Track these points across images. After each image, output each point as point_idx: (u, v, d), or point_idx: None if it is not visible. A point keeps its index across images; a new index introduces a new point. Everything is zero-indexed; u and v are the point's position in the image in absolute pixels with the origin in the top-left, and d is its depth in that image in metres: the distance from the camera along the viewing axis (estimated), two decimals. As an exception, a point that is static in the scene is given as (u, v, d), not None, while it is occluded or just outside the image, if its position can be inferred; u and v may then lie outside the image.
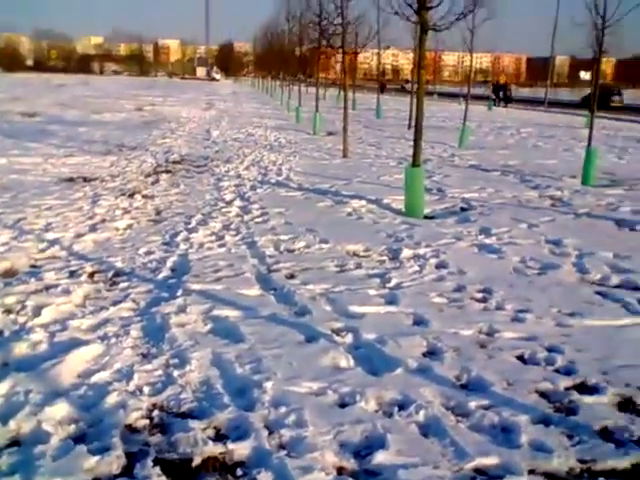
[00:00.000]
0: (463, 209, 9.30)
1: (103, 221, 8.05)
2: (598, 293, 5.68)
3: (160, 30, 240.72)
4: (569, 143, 19.19)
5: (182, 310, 5.01)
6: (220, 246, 7.02)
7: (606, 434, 3.41)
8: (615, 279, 6.09)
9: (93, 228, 7.68)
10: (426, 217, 8.74)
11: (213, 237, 7.39)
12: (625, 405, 3.72)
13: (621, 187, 11.40)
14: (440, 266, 6.38)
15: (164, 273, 6.04)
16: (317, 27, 17.46)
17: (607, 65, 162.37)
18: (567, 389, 3.90)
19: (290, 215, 8.57)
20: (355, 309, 5.12)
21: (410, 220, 8.42)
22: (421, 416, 3.52)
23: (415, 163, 8.79)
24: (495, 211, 9.08)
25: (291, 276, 6.01)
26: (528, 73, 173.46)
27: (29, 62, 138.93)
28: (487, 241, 7.39)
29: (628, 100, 48.03)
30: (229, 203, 9.34)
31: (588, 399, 3.77)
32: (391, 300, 5.36)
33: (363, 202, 9.48)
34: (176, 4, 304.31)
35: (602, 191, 10.92)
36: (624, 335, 4.74)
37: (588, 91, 45.71)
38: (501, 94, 46.17)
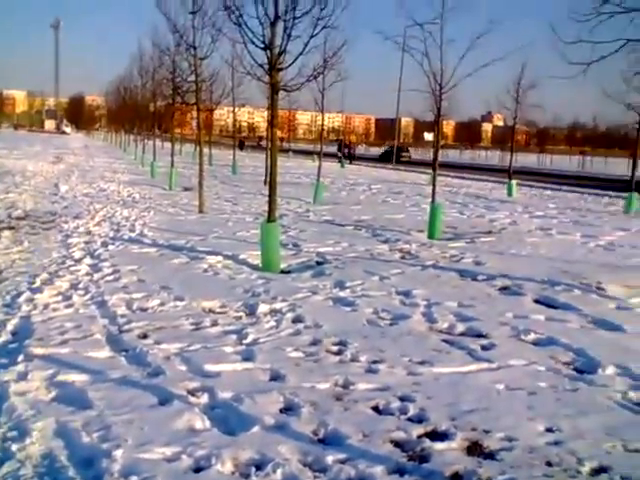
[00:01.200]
0: (318, 263, 9.48)
1: None
2: (445, 341, 5.97)
3: (4, 80, 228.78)
4: (415, 199, 20.31)
5: (23, 377, 4.65)
6: (67, 307, 6.64)
7: (457, 479, 3.54)
8: (460, 327, 6.44)
9: None
10: (282, 272, 8.81)
11: (59, 297, 6.98)
12: (473, 449, 3.88)
13: (463, 240, 12.18)
14: (296, 320, 6.43)
15: (3, 337, 5.60)
16: (171, 84, 17.46)
17: (447, 127, 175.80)
18: (419, 437, 4.02)
19: (143, 272, 8.31)
20: (211, 368, 5.01)
21: (267, 275, 8.44)
22: (278, 475, 3.47)
23: (270, 218, 8.89)
24: (349, 265, 9.35)
25: (144, 336, 5.79)
26: (377, 133, 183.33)
27: None
28: (341, 294, 7.57)
29: (415, 156, 62.39)
30: (78, 261, 8.90)
31: (439, 445, 3.90)
32: (247, 357, 5.30)
33: (219, 258, 9.40)
34: (23, 54, 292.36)
35: (446, 244, 11.61)
36: (469, 381, 4.98)
37: (385, 149, 62.35)
38: (346, 152, 49.50)
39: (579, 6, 7.99)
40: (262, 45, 8.43)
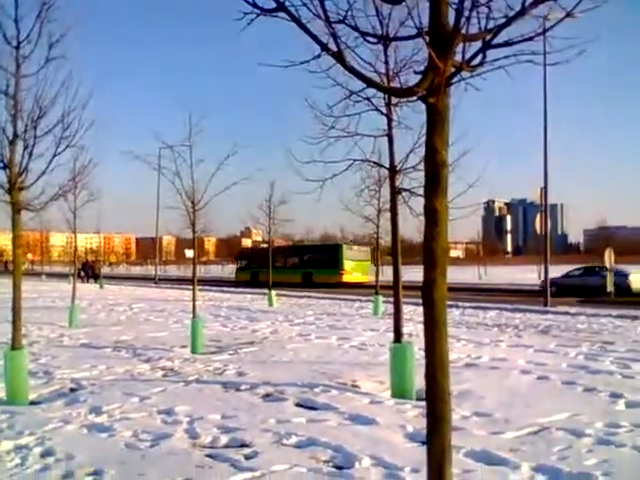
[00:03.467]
0: (72, 390, 8.82)
1: None
2: (209, 456, 5.82)
3: None
4: (179, 315, 20.08)
5: None
6: None
7: None
8: (224, 439, 6.35)
9: None
10: (32, 403, 8.04)
11: None
12: None
13: (226, 352, 12.22)
14: (46, 454, 5.86)
15: None
16: None
17: (209, 243, 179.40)
18: None
19: None
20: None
21: (12, 408, 7.61)
22: None
23: (15, 346, 8.15)
24: (106, 388, 8.82)
25: None
26: (138, 252, 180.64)
27: None
28: (97, 420, 7.08)
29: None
30: None
31: None
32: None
33: (-46, 395, 8.31)
34: None
35: (210, 357, 11.55)
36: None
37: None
38: (90, 272, 51.65)
39: (311, 130, 8.87)
40: (0, 164, 8.03)
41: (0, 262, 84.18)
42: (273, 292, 24.41)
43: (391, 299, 10.03)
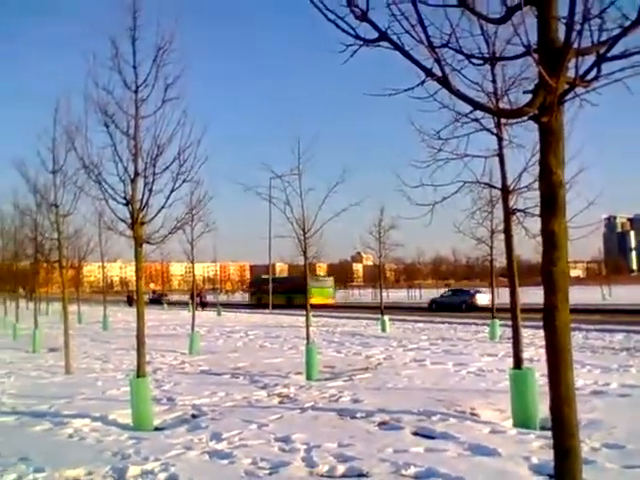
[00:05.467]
0: (194, 416, 9.11)
1: None
2: (326, 485, 5.81)
3: None
4: (293, 341, 20.35)
5: None
6: None
7: None
8: (341, 468, 6.32)
9: None
10: (156, 429, 8.37)
11: None
12: None
13: (341, 378, 12.22)
14: (169, 480, 6.05)
15: None
16: (33, 242, 17.03)
17: (320, 269, 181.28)
18: None
19: (-1, 444, 7.59)
20: None
21: (138, 434, 7.97)
22: None
23: (140, 373, 8.55)
24: (226, 415, 9.04)
25: (-4, 517, 5.20)
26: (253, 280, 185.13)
27: None
28: (218, 447, 7.25)
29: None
30: None
31: None
32: (115, 527, 4.87)
33: (87, 420, 8.80)
34: None
35: (325, 384, 11.59)
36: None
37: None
38: (197, 300, 52.51)
39: (418, 154, 8.80)
40: (123, 201, 8.54)
41: (124, 293, 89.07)
42: (386, 317, 24.24)
43: (508, 322, 9.68)
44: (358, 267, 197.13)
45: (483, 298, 39.14)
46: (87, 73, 8.58)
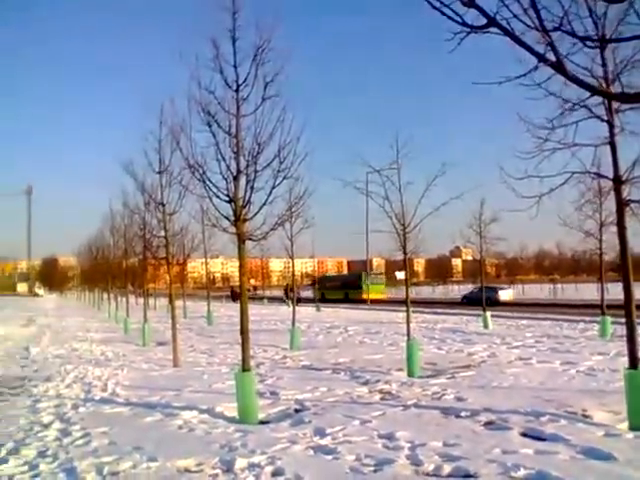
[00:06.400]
0: (297, 411, 9.21)
1: None
2: (433, 485, 5.71)
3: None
4: (393, 338, 20.20)
5: None
6: (33, 477, 6.27)
7: None
8: (447, 468, 6.19)
9: None
10: (261, 422, 8.52)
11: (25, 467, 6.61)
12: None
13: (443, 376, 12.01)
14: (276, 474, 6.15)
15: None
16: (141, 240, 17.78)
17: (418, 265, 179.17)
18: None
19: (115, 434, 7.96)
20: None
21: (244, 427, 8.15)
22: None
23: (245, 367, 8.73)
24: (329, 410, 9.08)
25: (114, 503, 5.44)
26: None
27: None
28: (322, 442, 7.29)
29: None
30: (46, 426, 8.53)
31: None
32: (225, 518, 4.98)
33: (195, 413, 9.09)
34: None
35: (427, 381, 11.42)
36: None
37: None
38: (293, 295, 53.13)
39: (523, 145, 8.47)
40: (227, 198, 8.73)
41: (225, 289, 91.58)
42: (488, 313, 23.62)
43: (621, 319, 9.17)
44: (457, 262, 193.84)
45: (505, 294, 46.74)
46: (190, 75, 8.82)
